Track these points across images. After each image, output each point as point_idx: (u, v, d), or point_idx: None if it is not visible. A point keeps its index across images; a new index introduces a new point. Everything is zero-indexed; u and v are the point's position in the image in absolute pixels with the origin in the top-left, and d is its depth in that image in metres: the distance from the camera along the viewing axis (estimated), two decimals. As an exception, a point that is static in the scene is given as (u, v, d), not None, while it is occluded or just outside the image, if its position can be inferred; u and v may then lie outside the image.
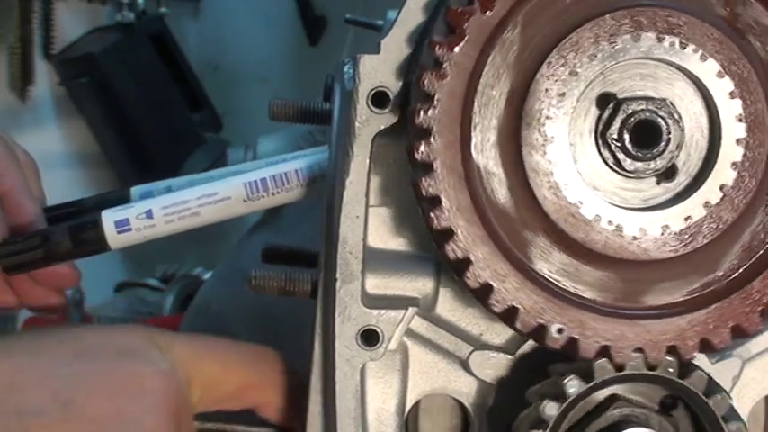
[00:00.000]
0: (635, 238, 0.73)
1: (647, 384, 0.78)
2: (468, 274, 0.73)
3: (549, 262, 0.74)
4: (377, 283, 0.81)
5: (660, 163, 0.73)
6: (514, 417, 0.80)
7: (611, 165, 0.74)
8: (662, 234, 0.73)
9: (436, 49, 0.72)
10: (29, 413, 0.73)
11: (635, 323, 0.74)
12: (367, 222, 0.80)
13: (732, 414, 0.77)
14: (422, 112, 0.72)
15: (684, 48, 0.72)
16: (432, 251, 0.82)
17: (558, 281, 0.74)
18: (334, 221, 0.79)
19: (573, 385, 0.75)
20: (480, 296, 0.74)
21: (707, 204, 0.73)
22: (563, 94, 0.72)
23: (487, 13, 0.72)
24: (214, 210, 0.93)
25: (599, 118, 0.74)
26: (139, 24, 2.52)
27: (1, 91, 2.35)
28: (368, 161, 0.79)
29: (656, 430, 0.77)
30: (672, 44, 0.72)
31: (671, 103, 0.73)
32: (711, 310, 0.74)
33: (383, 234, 0.83)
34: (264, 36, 2.82)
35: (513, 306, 0.73)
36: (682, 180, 0.74)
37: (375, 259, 0.81)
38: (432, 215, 0.73)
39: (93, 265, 1.03)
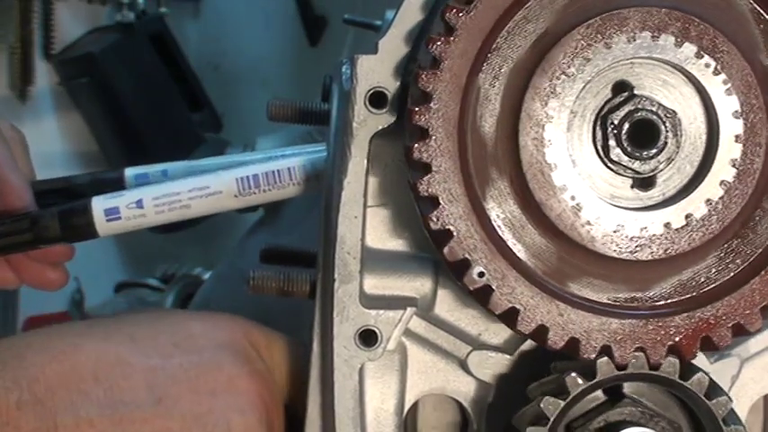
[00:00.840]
0: (588, 223, 0.73)
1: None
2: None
3: (501, 207, 0.74)
4: (375, 284, 0.81)
5: (644, 167, 0.73)
6: (513, 415, 0.80)
7: (599, 147, 0.73)
8: (613, 231, 0.73)
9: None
10: (123, 405, 0.74)
11: (552, 300, 0.74)
12: (365, 223, 0.80)
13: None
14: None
15: (717, 74, 0.72)
16: (430, 251, 0.82)
17: (500, 228, 0.74)
18: (332, 222, 0.79)
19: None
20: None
21: (668, 225, 0.73)
22: (588, 60, 0.72)
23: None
24: (205, 203, 0.93)
25: (609, 100, 0.73)
26: (139, 24, 2.52)
27: (1, 91, 2.35)
28: (366, 161, 0.79)
29: (655, 430, 0.77)
30: (707, 65, 0.72)
31: (679, 120, 0.73)
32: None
33: (381, 234, 0.83)
34: (264, 36, 2.82)
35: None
36: (655, 195, 0.74)
37: (373, 259, 0.81)
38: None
39: (93, 265, 1.03)
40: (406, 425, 0.85)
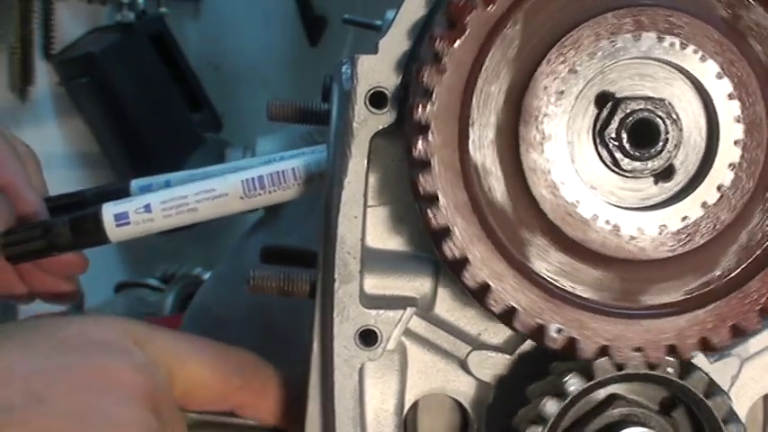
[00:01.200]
0: (632, 238, 0.73)
1: (648, 384, 0.78)
2: (466, 274, 0.73)
3: (547, 261, 0.74)
4: (375, 284, 0.81)
5: (658, 163, 0.73)
6: (513, 415, 0.80)
7: (609, 164, 0.74)
8: (659, 234, 0.73)
9: (436, 42, 0.72)
10: (3, 410, 0.72)
11: (634, 323, 0.74)
12: (365, 222, 0.80)
13: (732, 416, 0.77)
14: (420, 108, 0.72)
15: (684, 48, 0.72)
16: (430, 251, 0.82)
17: (555, 280, 0.74)
18: (332, 222, 0.79)
19: (573, 384, 0.75)
20: (478, 296, 0.74)
21: (704, 205, 0.73)
22: (562, 92, 0.72)
23: (489, 8, 0.72)
24: (211, 206, 0.94)
25: (597, 117, 0.73)
26: (139, 24, 2.52)
27: (1, 91, 2.35)
28: (366, 161, 0.79)
29: (655, 430, 0.77)
30: (672, 44, 0.72)
31: (669, 104, 0.73)
32: (710, 309, 0.74)
33: (381, 234, 0.83)
34: (264, 36, 2.82)
35: (512, 306, 0.73)
36: (679, 180, 0.74)
37: (373, 259, 0.81)
38: (429, 213, 0.73)
39: (93, 264, 1.04)
40: (406, 425, 0.85)
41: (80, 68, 2.45)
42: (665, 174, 0.74)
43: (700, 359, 0.80)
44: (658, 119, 0.73)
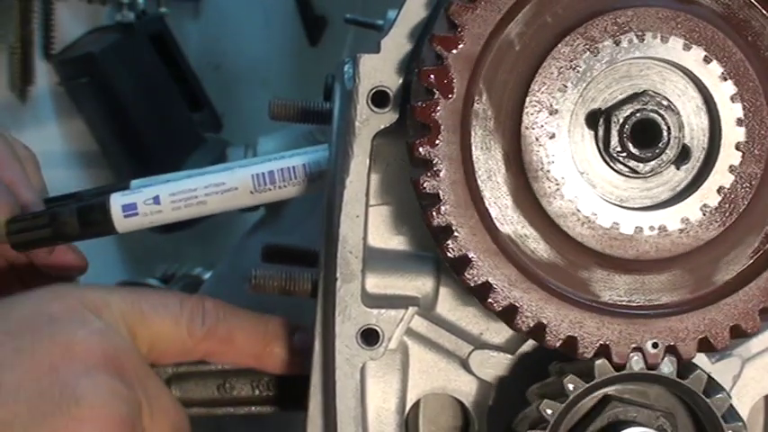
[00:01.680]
0: (681, 231, 0.74)
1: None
2: (548, 338, 0.74)
3: (615, 288, 0.75)
4: (377, 283, 0.81)
5: (671, 152, 0.74)
6: (514, 416, 0.80)
7: (628, 174, 0.74)
8: (704, 215, 0.74)
9: (418, 150, 0.72)
10: None
11: (721, 305, 0.75)
12: (367, 221, 0.80)
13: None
14: (435, 212, 0.73)
15: (642, 39, 0.73)
16: (432, 251, 0.82)
17: (630, 301, 0.75)
18: (334, 221, 0.79)
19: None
20: (567, 349, 0.75)
21: (732, 168, 0.74)
22: (553, 135, 0.73)
23: (450, 98, 0.73)
24: (221, 199, 0.94)
25: (596, 137, 0.74)
26: (139, 24, 2.51)
27: (1, 91, 2.35)
28: (368, 160, 0.79)
29: (656, 430, 0.77)
30: (630, 41, 0.73)
31: (654, 92, 0.74)
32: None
33: (383, 233, 0.83)
34: (264, 36, 2.82)
35: (603, 344, 0.74)
36: (698, 155, 0.75)
37: (375, 258, 0.81)
38: (489, 300, 0.74)
39: (92, 264, 1.03)
40: (407, 424, 0.85)
41: (80, 68, 2.45)
42: (683, 156, 0.75)
43: (701, 360, 0.81)
44: (651, 113, 0.73)
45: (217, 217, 1.09)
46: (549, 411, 0.75)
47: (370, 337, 0.79)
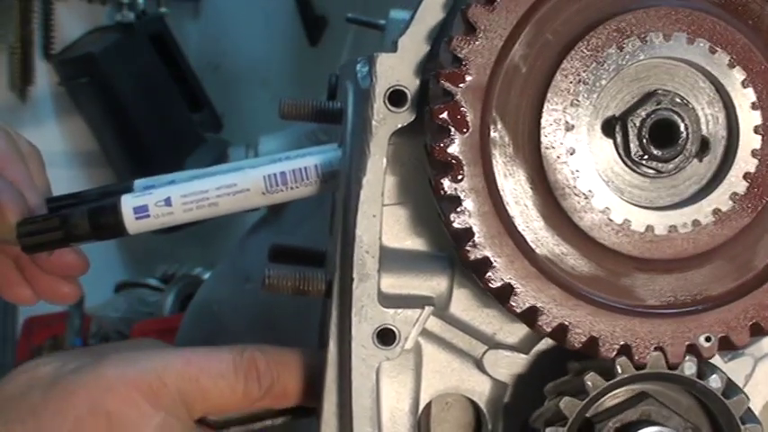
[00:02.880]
0: (715, 223, 0.74)
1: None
2: (603, 350, 0.74)
3: (659, 289, 0.75)
4: (392, 283, 0.81)
5: (692, 147, 0.74)
6: (528, 415, 0.80)
7: (653, 176, 0.74)
8: (734, 203, 0.74)
9: (442, 189, 0.73)
10: None
11: (766, 287, 0.75)
12: (382, 221, 0.80)
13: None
14: (470, 248, 0.73)
15: (645, 41, 0.73)
16: (446, 250, 0.82)
17: (676, 300, 0.75)
18: (350, 221, 0.79)
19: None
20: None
21: (754, 153, 0.74)
22: (574, 151, 0.73)
23: (466, 132, 0.73)
24: (232, 201, 0.94)
25: (616, 145, 0.74)
26: (139, 24, 2.51)
27: (1, 91, 2.35)
28: (384, 160, 0.79)
29: (673, 429, 0.77)
30: (633, 45, 0.73)
31: (665, 90, 0.74)
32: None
33: (398, 233, 0.83)
34: (264, 36, 2.82)
35: (657, 347, 0.74)
36: (719, 145, 0.75)
37: (389, 258, 0.81)
38: (539, 323, 0.74)
39: (93, 265, 1.03)
40: (420, 424, 0.85)
41: (80, 68, 2.45)
42: (704, 148, 0.75)
43: (714, 358, 0.80)
44: (666, 112, 0.73)
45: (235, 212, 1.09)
46: (568, 408, 0.75)
47: (386, 337, 0.79)
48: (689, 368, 0.75)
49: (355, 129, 0.81)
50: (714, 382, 0.76)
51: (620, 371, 0.75)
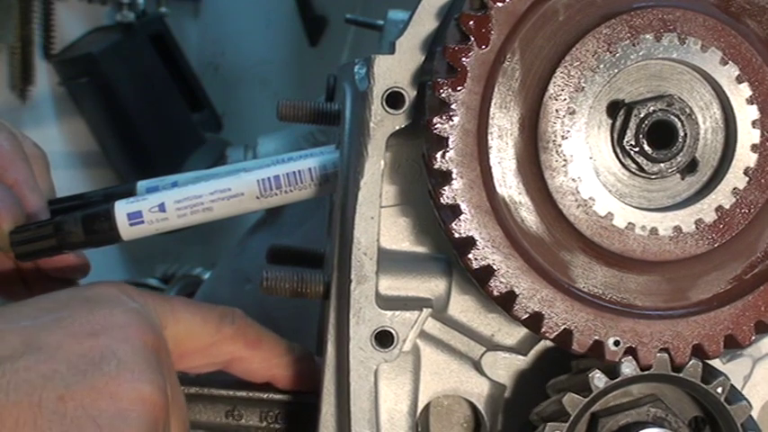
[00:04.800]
0: (671, 238, 0.73)
1: (669, 386, 0.78)
2: (516, 307, 0.73)
3: (593, 278, 0.74)
4: (390, 285, 0.81)
5: (681, 159, 0.73)
6: (527, 417, 0.80)
7: (634, 170, 0.74)
8: (696, 228, 0.73)
9: (440, 91, 0.72)
10: (3, 361, 0.73)
11: (689, 321, 0.74)
12: (380, 223, 0.80)
13: (751, 422, 0.77)
14: (438, 156, 0.72)
15: (684, 42, 0.72)
16: (443, 251, 0.82)
17: (603, 294, 0.74)
18: (347, 222, 0.79)
19: (599, 380, 0.75)
20: (532, 326, 0.74)
21: (735, 191, 0.73)
22: (573, 112, 0.72)
23: (484, 48, 0.72)
24: (227, 205, 0.93)
25: (613, 126, 0.74)
26: (139, 24, 2.52)
27: (1, 91, 2.35)
28: (382, 162, 0.79)
29: (669, 429, 0.77)
30: (671, 41, 0.72)
31: (680, 98, 0.73)
32: (762, 291, 0.75)
33: (396, 235, 0.83)
34: (264, 36, 2.82)
35: (566, 329, 0.74)
36: (705, 171, 0.75)
37: (388, 260, 0.81)
38: (469, 256, 0.73)
39: (93, 264, 1.03)
40: (418, 426, 0.85)
41: (80, 68, 2.45)
42: (690, 168, 0.74)
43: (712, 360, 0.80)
44: (672, 116, 0.73)
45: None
46: (572, 405, 0.75)
47: (384, 339, 0.79)
48: (693, 371, 0.75)
49: (353, 131, 0.81)
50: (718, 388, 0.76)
51: (622, 371, 0.75)
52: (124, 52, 2.48)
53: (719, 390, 0.76)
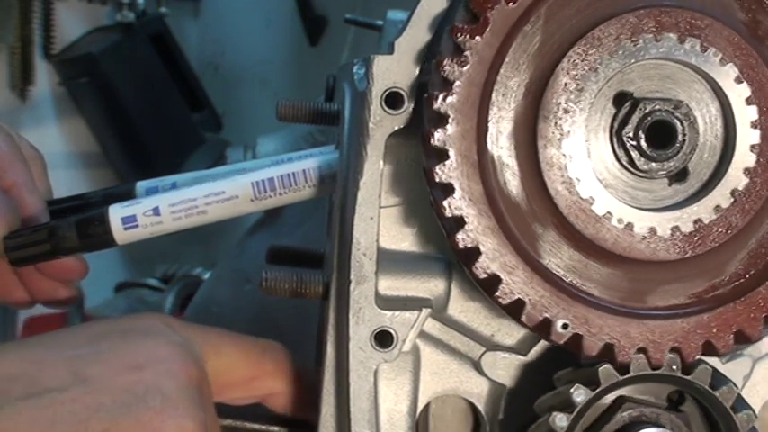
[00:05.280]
0: (644, 238, 0.73)
1: (654, 383, 0.78)
2: (477, 265, 0.73)
3: (558, 257, 0.74)
4: (389, 285, 0.81)
5: (673, 164, 0.73)
6: (526, 418, 0.80)
7: (625, 163, 0.74)
8: (671, 235, 0.73)
9: (458, 35, 0.72)
10: (48, 391, 0.73)
11: (640, 323, 0.74)
12: (379, 223, 0.80)
13: (741, 404, 0.77)
14: (440, 98, 0.72)
15: (705, 51, 0.72)
16: (443, 252, 0.82)
17: (565, 276, 0.74)
18: (347, 223, 0.79)
19: (580, 394, 0.75)
20: (487, 288, 0.74)
21: (717, 208, 0.73)
22: (581, 90, 0.72)
23: (511, 5, 0.72)
24: (221, 208, 0.93)
25: (615, 116, 0.74)
26: (139, 24, 2.52)
27: (1, 91, 2.35)
28: (381, 162, 0.79)
29: (667, 428, 0.77)
30: (693, 46, 0.72)
31: (687, 106, 0.73)
32: (716, 313, 0.74)
33: (395, 235, 0.83)
34: (264, 36, 2.82)
35: (520, 299, 0.73)
36: (693, 183, 0.74)
37: (387, 260, 0.81)
38: (444, 203, 0.73)
39: (93, 265, 1.03)
40: (418, 426, 0.85)
41: (80, 69, 2.46)
42: (680, 176, 0.74)
43: (712, 359, 0.80)
44: (676, 120, 0.73)
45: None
46: (559, 424, 0.75)
47: (383, 339, 0.79)
48: (671, 365, 0.75)
49: (352, 131, 0.81)
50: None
51: (602, 379, 0.75)
52: (124, 52, 2.48)
53: (701, 378, 0.76)
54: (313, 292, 0.83)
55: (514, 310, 0.74)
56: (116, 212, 0.93)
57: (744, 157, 0.73)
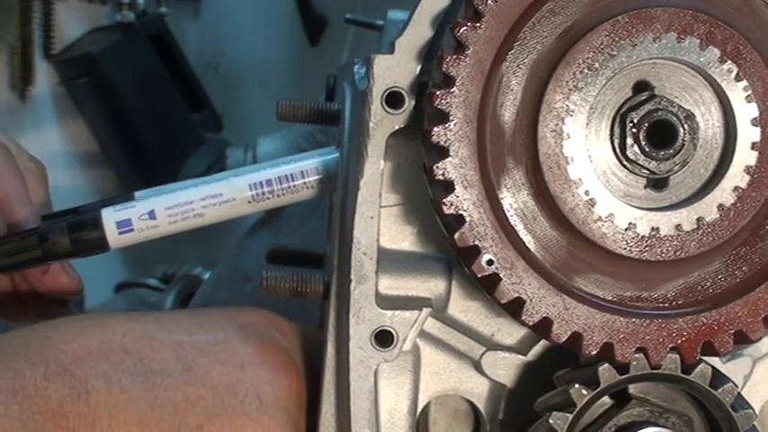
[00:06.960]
0: (600, 219, 0.73)
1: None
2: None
3: (515, 197, 0.74)
4: (390, 284, 0.81)
5: (659, 168, 0.73)
6: (526, 418, 0.80)
7: (616, 144, 0.73)
8: (625, 229, 0.73)
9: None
10: (154, 373, 0.74)
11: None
12: (380, 223, 0.80)
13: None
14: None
15: (739, 80, 0.72)
16: (443, 251, 0.82)
17: (512, 217, 0.74)
18: (347, 222, 0.79)
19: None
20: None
21: (679, 227, 0.73)
22: (613, 56, 0.72)
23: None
24: (218, 210, 0.92)
25: (629, 98, 0.73)
26: (139, 24, 2.52)
27: (1, 91, 2.35)
28: (382, 162, 0.79)
29: (667, 428, 0.77)
30: (730, 71, 0.72)
31: (698, 122, 0.73)
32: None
33: (395, 234, 0.83)
34: (264, 36, 2.82)
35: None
36: (667, 196, 0.74)
37: (388, 260, 0.81)
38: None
39: (93, 265, 1.03)
40: (418, 426, 0.85)
41: (80, 69, 2.46)
42: (659, 184, 0.74)
43: (712, 359, 0.80)
44: (681, 129, 0.73)
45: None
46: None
47: (384, 338, 0.79)
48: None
49: (352, 130, 0.81)
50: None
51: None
52: (124, 52, 2.48)
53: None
54: (313, 292, 0.83)
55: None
56: (110, 216, 0.91)
57: (735, 177, 0.73)
